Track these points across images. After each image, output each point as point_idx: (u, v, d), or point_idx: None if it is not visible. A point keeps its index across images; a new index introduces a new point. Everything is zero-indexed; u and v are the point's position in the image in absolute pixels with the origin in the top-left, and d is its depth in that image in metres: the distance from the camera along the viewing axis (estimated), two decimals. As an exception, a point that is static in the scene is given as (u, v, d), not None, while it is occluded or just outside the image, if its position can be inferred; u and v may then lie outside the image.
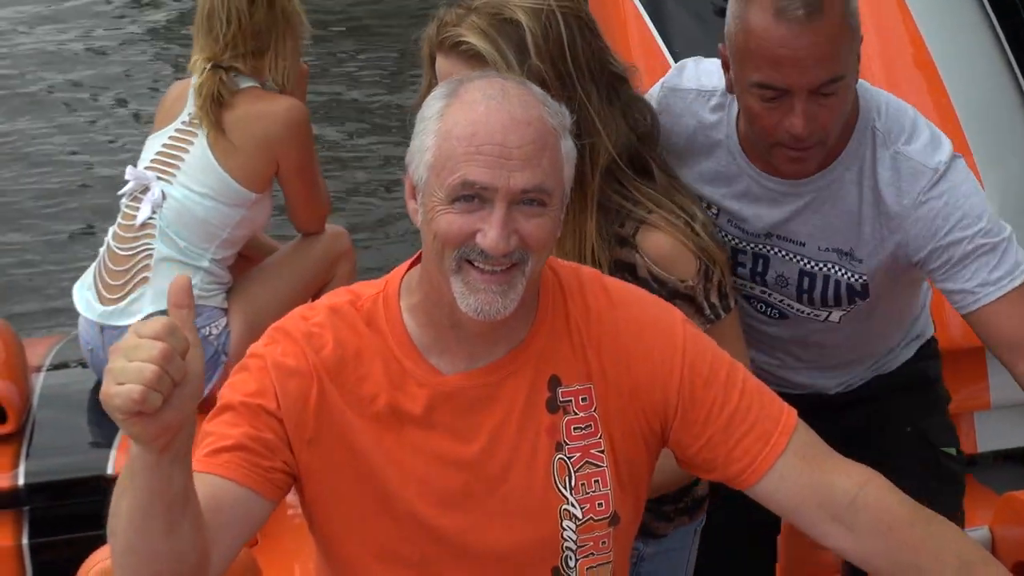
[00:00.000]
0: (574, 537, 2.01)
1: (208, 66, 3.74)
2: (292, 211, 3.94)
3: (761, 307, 2.67)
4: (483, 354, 2.00)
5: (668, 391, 2.03)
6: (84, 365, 3.92)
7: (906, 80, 3.82)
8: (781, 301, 2.64)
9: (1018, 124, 3.80)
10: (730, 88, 2.43)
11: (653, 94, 2.61)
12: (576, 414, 2.01)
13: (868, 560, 2.02)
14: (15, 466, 3.56)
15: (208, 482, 1.88)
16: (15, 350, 3.84)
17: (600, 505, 2.02)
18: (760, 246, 2.58)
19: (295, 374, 1.97)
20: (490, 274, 1.90)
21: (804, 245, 2.55)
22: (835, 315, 2.63)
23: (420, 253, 2.03)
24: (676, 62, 3.86)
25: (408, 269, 2.06)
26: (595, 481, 2.02)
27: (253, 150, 3.71)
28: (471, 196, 1.89)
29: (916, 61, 3.82)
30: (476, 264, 1.90)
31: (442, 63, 2.37)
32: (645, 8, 3.96)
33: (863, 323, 2.67)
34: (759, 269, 2.60)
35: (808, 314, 2.63)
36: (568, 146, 1.96)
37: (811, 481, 2.01)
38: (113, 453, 3.60)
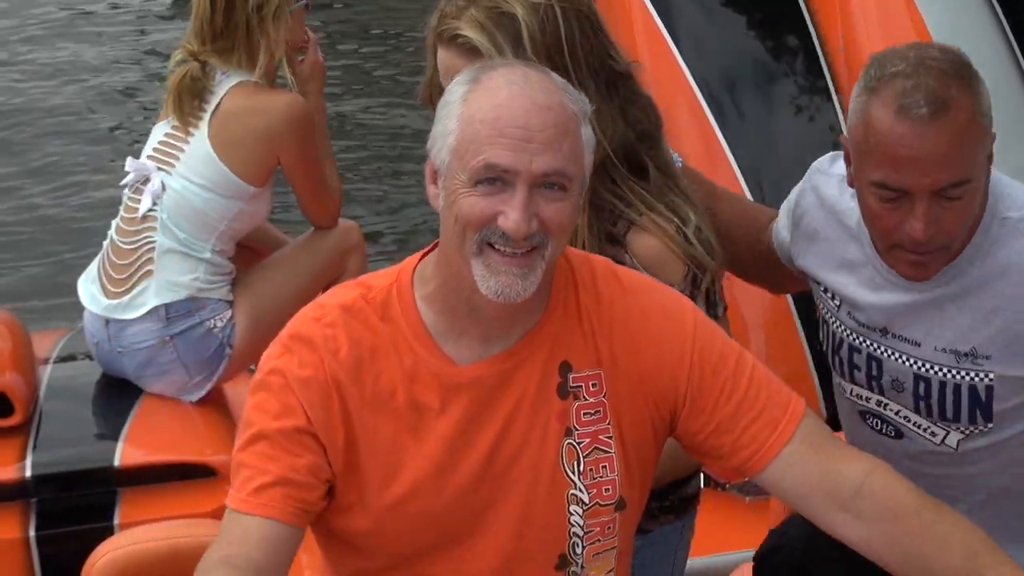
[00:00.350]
0: (581, 522, 2.03)
1: (180, 57, 3.78)
2: (301, 205, 3.96)
3: (876, 423, 2.50)
4: (498, 338, 2.02)
5: (677, 378, 2.04)
6: (90, 358, 3.93)
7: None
8: (898, 413, 2.46)
9: (1020, 109, 3.80)
10: (851, 183, 2.31)
11: (805, 177, 2.54)
12: (586, 399, 2.03)
13: (875, 548, 2.03)
14: (22, 458, 3.56)
15: (258, 525, 1.93)
16: (22, 342, 3.85)
17: (607, 490, 2.03)
18: (875, 346, 2.43)
19: (316, 384, 1.98)
20: (511, 256, 1.92)
21: (919, 346, 2.39)
22: (952, 437, 2.41)
23: (433, 245, 2.05)
24: (682, 55, 3.88)
25: (420, 259, 2.07)
26: (603, 467, 2.03)
27: (252, 144, 3.72)
28: (493, 179, 1.91)
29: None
30: (497, 247, 1.92)
31: (442, 55, 2.38)
32: (651, 0, 3.97)
33: (987, 461, 2.42)
34: (874, 372, 2.45)
35: (925, 430, 2.43)
36: (588, 133, 1.99)
37: (818, 469, 2.03)
38: (120, 445, 3.61)
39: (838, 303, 2.46)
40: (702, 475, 3.52)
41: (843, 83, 3.92)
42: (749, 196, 3.77)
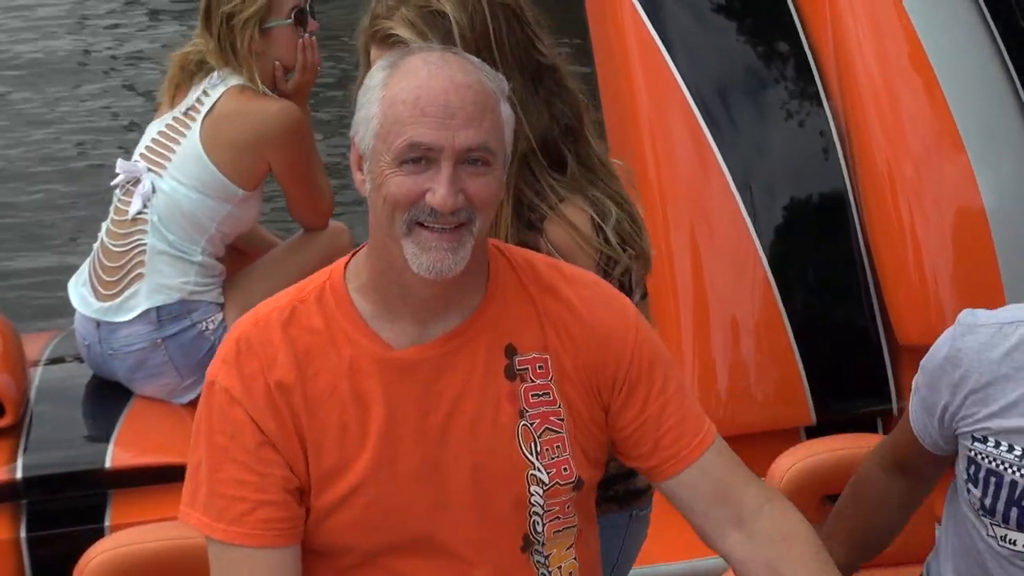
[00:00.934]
0: (541, 502, 2.06)
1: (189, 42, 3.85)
2: (291, 208, 3.96)
3: None
4: (434, 321, 2.04)
5: (619, 367, 2.09)
6: (81, 360, 3.93)
7: (902, 79, 3.84)
8: None
9: (1013, 124, 3.82)
10: None
11: (942, 343, 2.40)
12: (533, 381, 2.07)
13: (751, 570, 2.10)
14: (13, 459, 3.56)
15: (264, 556, 2.00)
16: (13, 344, 3.85)
17: (565, 470, 2.07)
18: None
19: (260, 393, 2.02)
20: (440, 232, 1.95)
21: None
22: None
23: (363, 245, 2.09)
24: (673, 61, 3.89)
25: (351, 257, 2.11)
26: (556, 447, 2.07)
27: (242, 147, 3.73)
28: (418, 158, 1.95)
29: (912, 60, 3.84)
30: (426, 224, 1.96)
31: (375, 55, 2.43)
32: (643, 6, 3.98)
33: None
34: None
35: None
36: (507, 111, 2.03)
37: (728, 481, 2.10)
38: (110, 447, 3.61)
39: (1020, 451, 2.34)
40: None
41: (833, 88, 3.93)
42: (739, 201, 3.79)
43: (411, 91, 1.96)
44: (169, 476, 3.55)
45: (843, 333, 3.83)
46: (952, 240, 3.75)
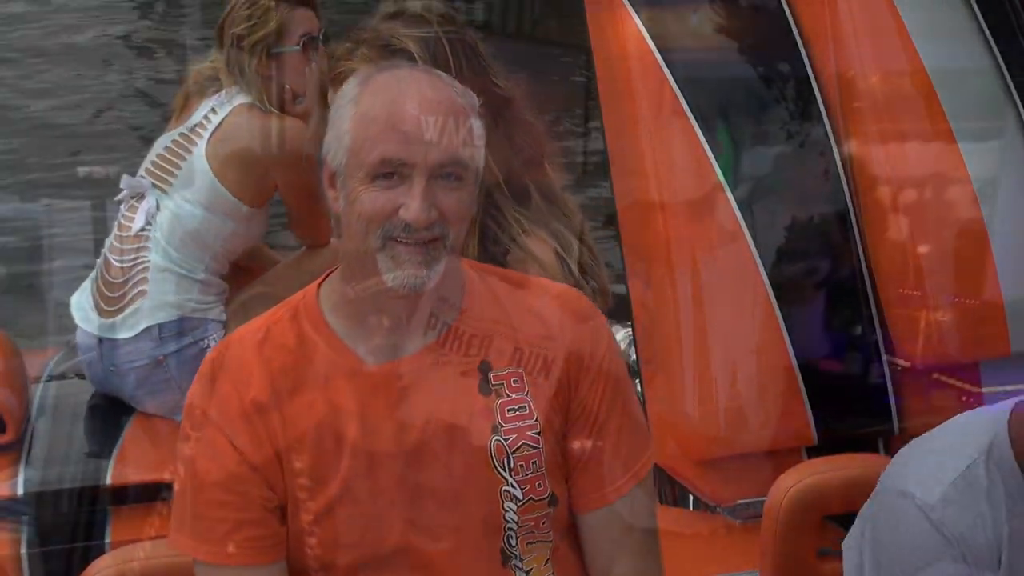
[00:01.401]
0: (516, 518, 2.07)
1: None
2: (293, 225, 3.97)
3: None
4: (410, 339, 2.06)
5: (580, 387, 2.11)
6: (82, 376, 3.94)
7: (903, 99, 3.85)
8: None
9: (1015, 143, 3.83)
10: None
11: (902, 513, 2.31)
12: (509, 396, 2.08)
13: None
14: (14, 475, 3.57)
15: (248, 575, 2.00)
16: (14, 360, 3.85)
17: (539, 486, 2.08)
18: None
19: (236, 412, 2.03)
20: (413, 246, 1.97)
21: None
22: None
23: (334, 268, 2.11)
24: (675, 81, 3.91)
25: (325, 279, 2.13)
26: (532, 462, 2.08)
27: (249, 164, 3.74)
28: (391, 173, 1.97)
29: (913, 80, 3.85)
30: (400, 239, 1.97)
31: (333, 96, 2.43)
32: (645, 26, 3.99)
33: None
34: None
35: None
36: (478, 126, 2.04)
37: (607, 547, 2.13)
38: (111, 463, 3.62)
39: None
40: (691, 498, 3.54)
41: (834, 108, 3.95)
42: (740, 220, 3.79)
43: (383, 107, 1.98)
44: (169, 493, 3.55)
45: (844, 353, 3.83)
46: (954, 259, 3.76)
